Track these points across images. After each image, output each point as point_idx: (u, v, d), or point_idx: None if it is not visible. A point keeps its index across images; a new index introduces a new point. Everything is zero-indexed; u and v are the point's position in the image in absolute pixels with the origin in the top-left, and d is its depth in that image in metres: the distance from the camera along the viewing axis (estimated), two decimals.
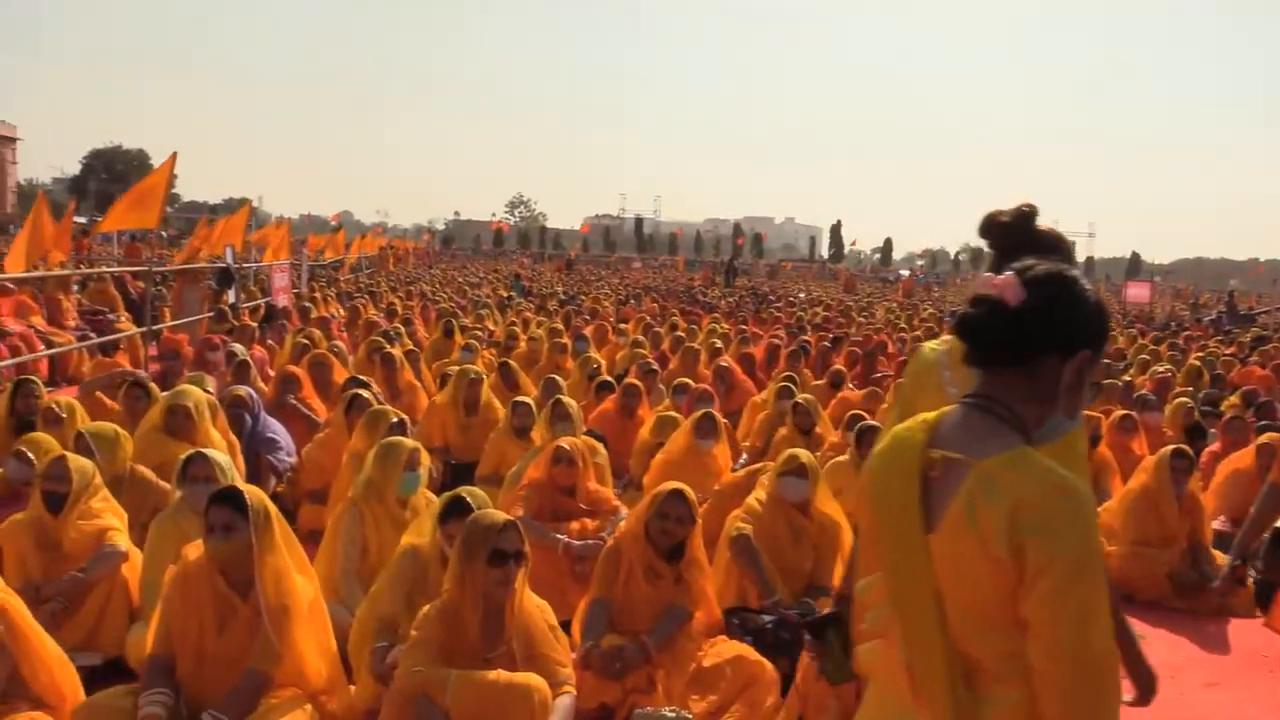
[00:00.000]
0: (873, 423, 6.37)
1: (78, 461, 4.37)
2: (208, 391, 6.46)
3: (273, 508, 3.55)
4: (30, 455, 4.87)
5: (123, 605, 4.21)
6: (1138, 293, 34.74)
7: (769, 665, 3.90)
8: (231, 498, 3.43)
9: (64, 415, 5.86)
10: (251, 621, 3.39)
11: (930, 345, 2.46)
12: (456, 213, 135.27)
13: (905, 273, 69.07)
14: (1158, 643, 5.19)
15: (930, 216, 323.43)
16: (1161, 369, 11.81)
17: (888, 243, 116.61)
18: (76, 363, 10.96)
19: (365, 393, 6.56)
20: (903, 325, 18.89)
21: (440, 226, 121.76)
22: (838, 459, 6.27)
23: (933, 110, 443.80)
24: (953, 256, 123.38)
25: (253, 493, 3.50)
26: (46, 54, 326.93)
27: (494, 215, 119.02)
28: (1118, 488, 6.62)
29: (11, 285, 12.04)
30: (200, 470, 4.28)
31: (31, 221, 11.21)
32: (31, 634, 3.37)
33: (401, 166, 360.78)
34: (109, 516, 4.34)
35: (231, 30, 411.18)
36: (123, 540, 4.29)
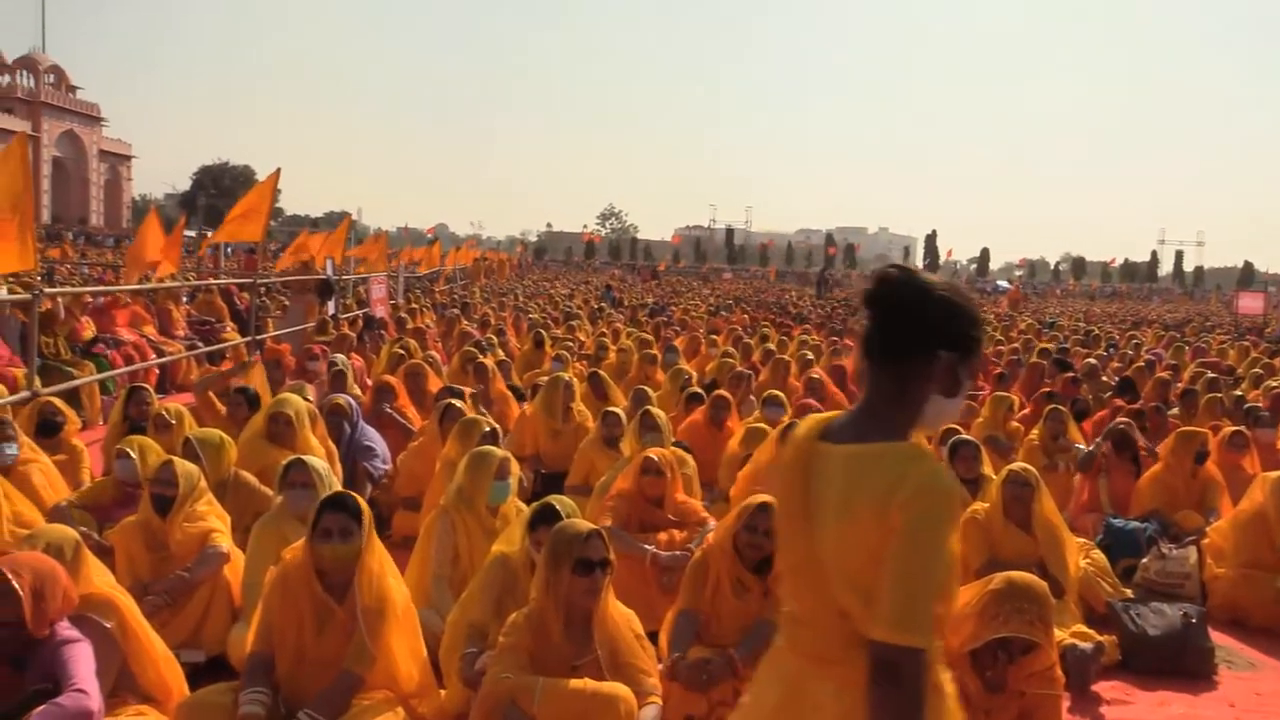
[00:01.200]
0: (965, 436, 6.22)
1: (184, 466, 4.53)
2: (308, 400, 6.64)
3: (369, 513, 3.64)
4: (130, 454, 5.04)
5: (225, 605, 4.35)
6: (1250, 304, 33.08)
7: None
8: (347, 504, 3.52)
9: (173, 421, 6.06)
10: (348, 624, 3.48)
11: None
12: (549, 225, 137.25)
13: (1004, 284, 67.44)
14: (1268, 670, 4.97)
15: (1029, 226, 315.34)
16: (1275, 383, 11.28)
17: (984, 253, 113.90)
18: (185, 371, 11.41)
19: (459, 402, 6.67)
20: (999, 337, 18.41)
21: (533, 238, 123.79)
22: None
23: (1031, 116, 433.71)
24: (1052, 266, 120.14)
25: (359, 499, 3.60)
26: (159, 75, 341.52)
27: (585, 227, 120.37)
28: (1227, 507, 6.34)
29: (126, 297, 12.62)
30: (299, 476, 4.43)
31: (141, 235, 11.70)
32: (141, 631, 3.51)
33: (495, 179, 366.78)
34: (213, 519, 4.49)
35: (331, 51, 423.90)
36: (225, 542, 4.43)
